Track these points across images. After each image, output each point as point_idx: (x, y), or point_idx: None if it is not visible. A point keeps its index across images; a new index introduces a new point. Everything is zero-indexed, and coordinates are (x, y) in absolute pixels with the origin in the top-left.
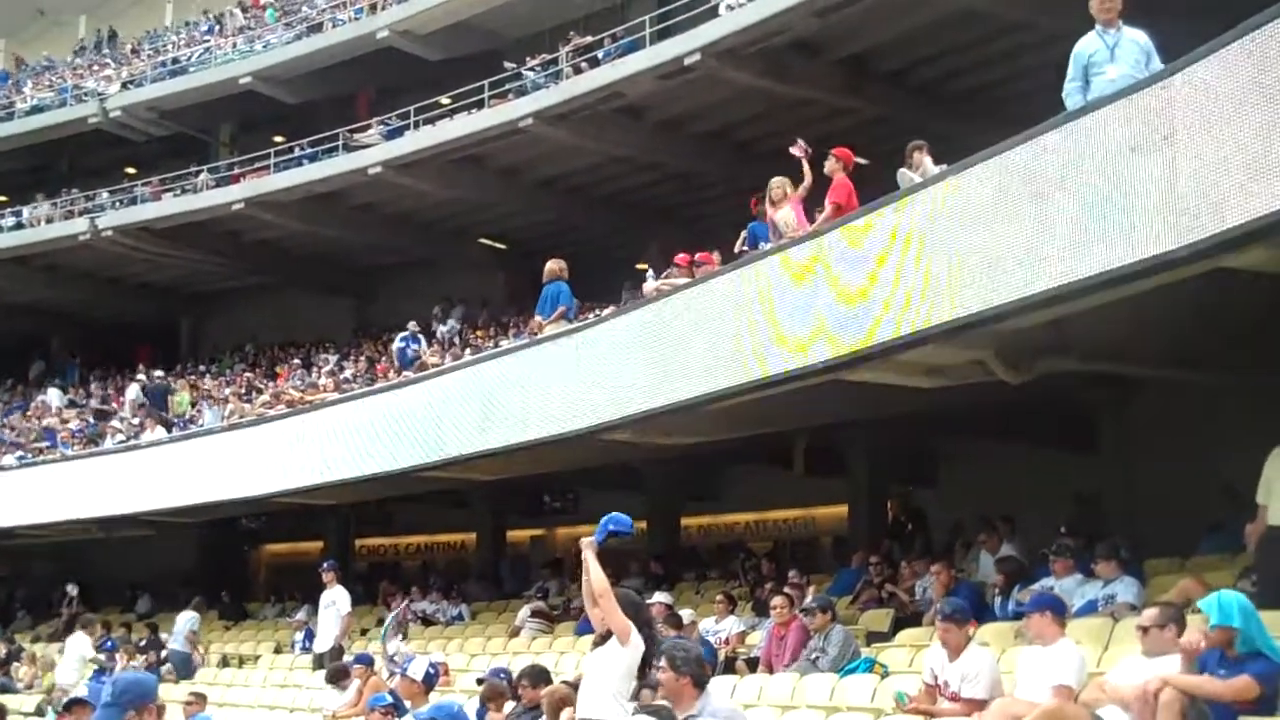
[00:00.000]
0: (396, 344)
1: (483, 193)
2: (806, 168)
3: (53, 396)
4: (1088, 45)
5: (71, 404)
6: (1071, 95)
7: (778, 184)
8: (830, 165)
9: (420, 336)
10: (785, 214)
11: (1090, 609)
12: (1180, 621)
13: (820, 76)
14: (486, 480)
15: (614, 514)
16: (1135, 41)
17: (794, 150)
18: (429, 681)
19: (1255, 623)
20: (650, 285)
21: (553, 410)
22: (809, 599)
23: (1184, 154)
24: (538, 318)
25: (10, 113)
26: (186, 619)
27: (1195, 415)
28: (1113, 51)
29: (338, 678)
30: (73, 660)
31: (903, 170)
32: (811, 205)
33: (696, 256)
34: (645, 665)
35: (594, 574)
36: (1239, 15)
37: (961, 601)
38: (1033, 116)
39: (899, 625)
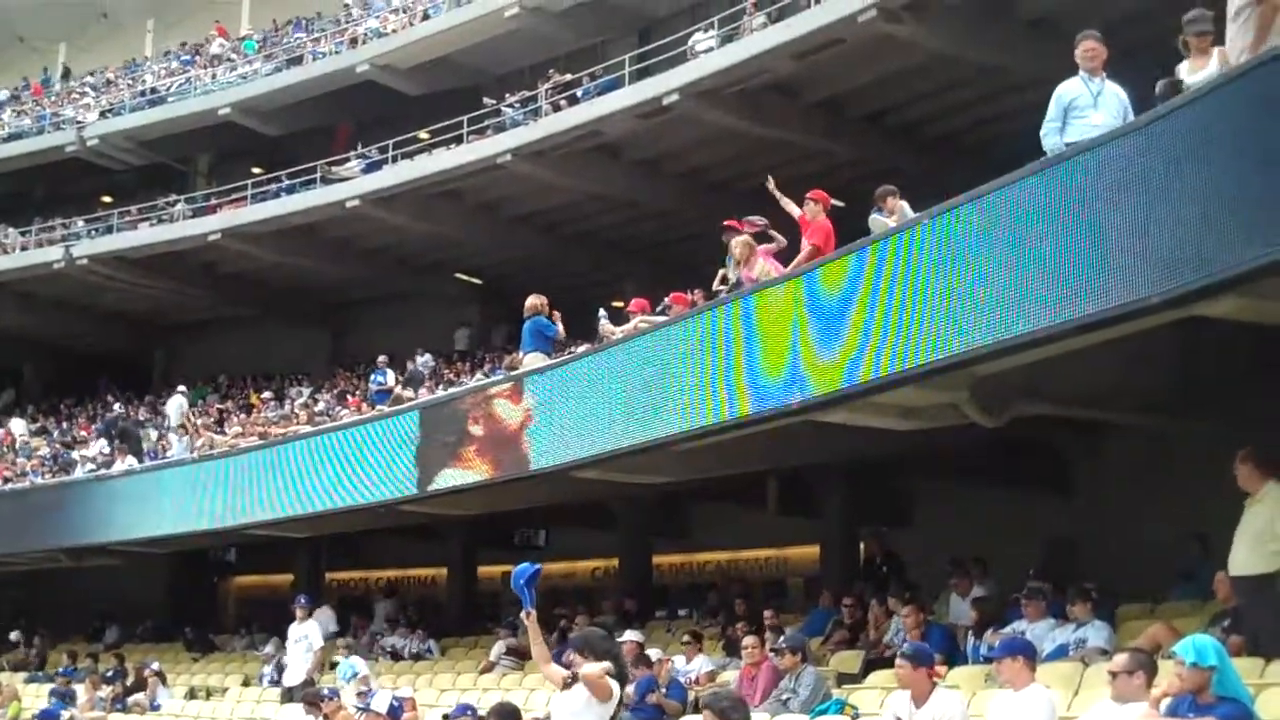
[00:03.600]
0: (373, 381)
1: (460, 228)
2: (788, 204)
3: (16, 426)
4: (1070, 89)
5: (41, 431)
6: (1049, 136)
7: (738, 244)
8: (810, 209)
9: (388, 369)
10: (761, 268)
11: (1061, 653)
12: (1150, 668)
13: (797, 118)
14: (459, 515)
15: (517, 569)
16: (1116, 94)
17: (770, 187)
18: (394, 714)
19: (1228, 665)
20: (605, 326)
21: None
22: (781, 639)
23: (1160, 202)
24: (519, 354)
25: None
26: None
27: (1169, 462)
28: (1096, 99)
29: (313, 702)
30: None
31: (874, 215)
32: (788, 251)
33: (668, 299)
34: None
35: (535, 649)
36: None
37: (924, 645)
38: (1008, 160)
39: (870, 667)
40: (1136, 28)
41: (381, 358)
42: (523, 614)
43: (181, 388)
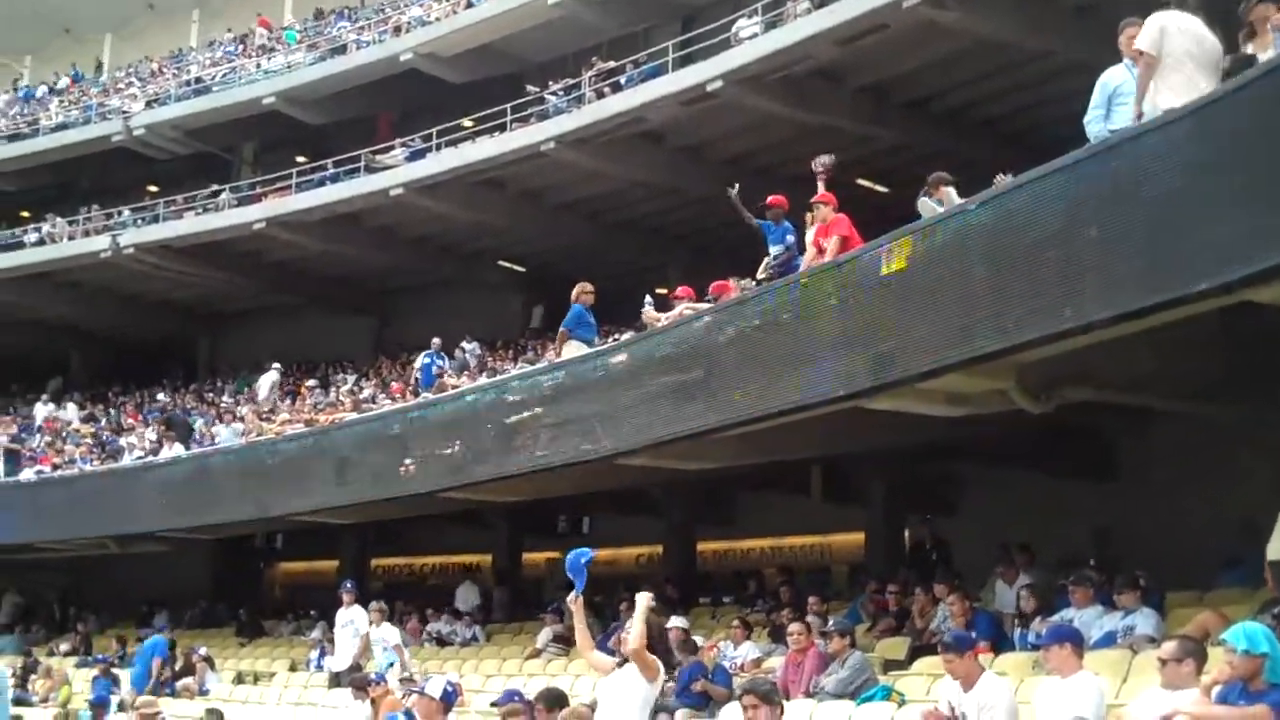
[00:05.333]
0: (420, 361)
1: (503, 216)
2: (821, 186)
3: (66, 413)
4: (1115, 76)
5: (90, 419)
6: (1094, 123)
7: (822, 208)
8: (820, 213)
9: (443, 354)
10: (835, 244)
11: (1109, 640)
12: (1199, 655)
13: (841, 104)
14: (504, 502)
15: (574, 553)
16: None
17: (815, 167)
18: (447, 700)
19: (1277, 651)
20: (649, 312)
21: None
22: (830, 623)
23: (1211, 187)
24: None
25: (35, 129)
26: None
27: (1216, 448)
28: None
29: (361, 686)
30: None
31: (923, 199)
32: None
33: (710, 288)
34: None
35: (579, 635)
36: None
37: (964, 632)
38: (1054, 146)
39: (916, 654)
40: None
41: (435, 340)
42: (570, 598)
43: (275, 365)
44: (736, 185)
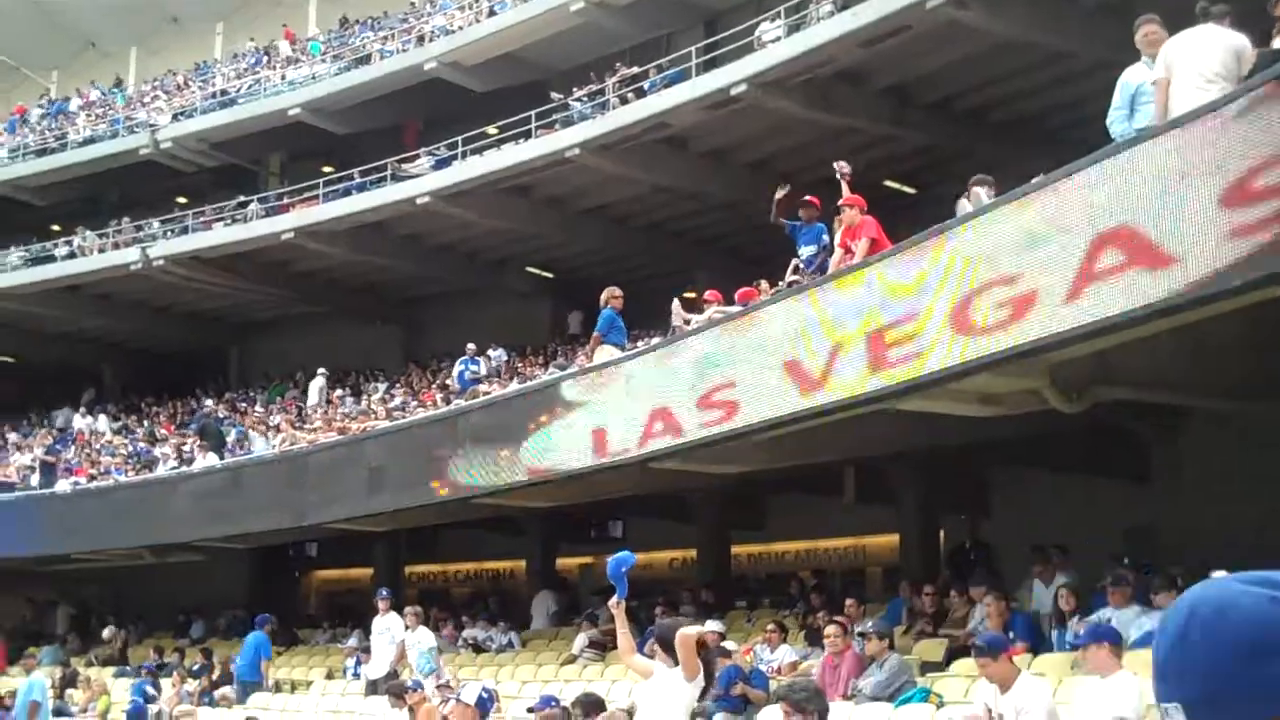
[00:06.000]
0: (456, 368)
1: (529, 222)
2: (845, 189)
3: (100, 424)
4: (1136, 75)
5: (123, 430)
6: (1116, 123)
7: (850, 211)
8: (847, 215)
9: (479, 359)
10: (863, 246)
11: (1148, 640)
12: None
13: (865, 106)
14: (537, 508)
15: (615, 558)
16: None
17: (838, 170)
18: (483, 707)
19: None
20: (678, 315)
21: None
22: (867, 624)
23: (1239, 183)
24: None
25: (64, 144)
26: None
27: (1249, 446)
28: None
29: (398, 694)
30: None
31: (962, 201)
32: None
33: (736, 294)
34: (701, 696)
35: (621, 640)
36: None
37: (996, 634)
38: (1077, 144)
39: (953, 655)
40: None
41: (470, 346)
42: (612, 602)
43: (322, 370)
44: (786, 187)
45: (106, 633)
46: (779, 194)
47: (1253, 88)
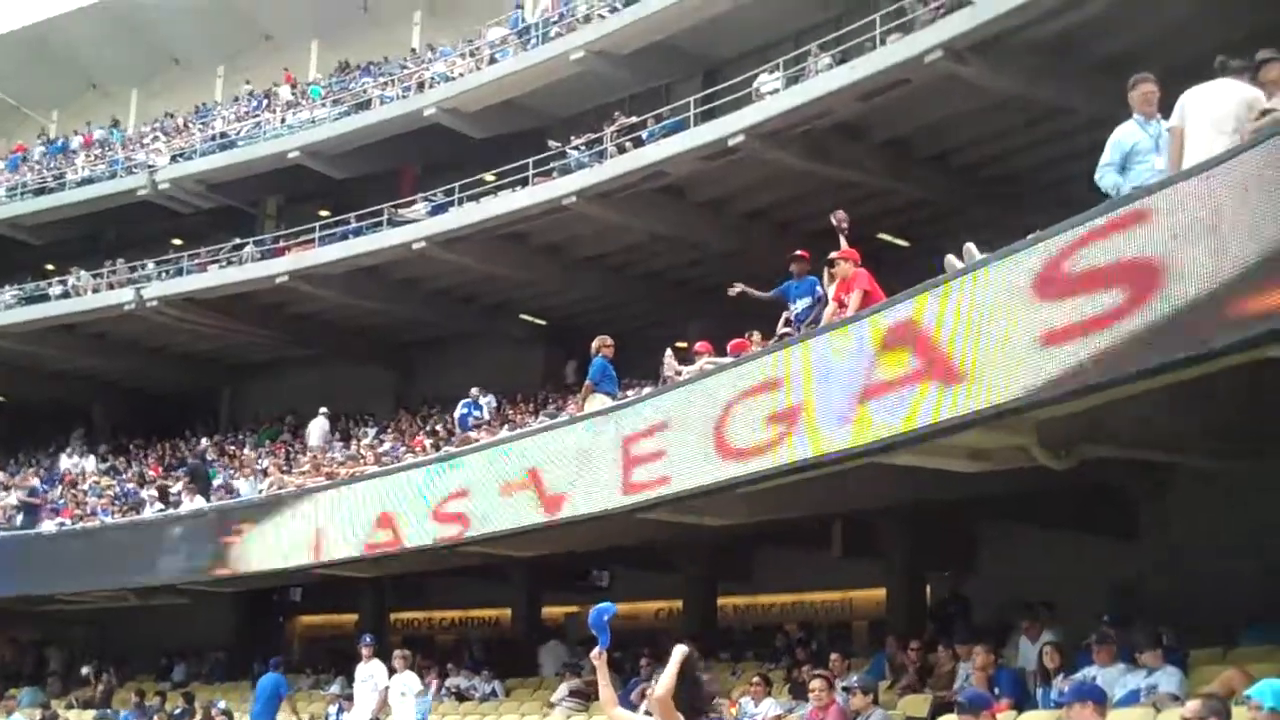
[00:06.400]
0: (459, 410)
1: (525, 269)
2: (843, 241)
3: (87, 465)
4: (1129, 134)
5: (111, 470)
6: (1105, 176)
7: (843, 265)
8: (841, 269)
9: (481, 404)
10: (855, 299)
11: (1133, 699)
12: (1223, 714)
13: (862, 159)
14: (523, 556)
15: (597, 609)
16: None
17: (836, 221)
18: None
19: None
20: (670, 366)
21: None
22: (851, 678)
23: (1228, 243)
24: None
25: (61, 183)
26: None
27: (1237, 503)
28: (1156, 142)
29: None
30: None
31: (950, 257)
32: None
33: (729, 347)
34: None
35: (603, 691)
36: None
37: (979, 692)
38: (1075, 201)
39: (938, 711)
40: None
41: (474, 390)
42: (594, 653)
43: (324, 409)
44: (737, 287)
45: (85, 670)
46: (733, 292)
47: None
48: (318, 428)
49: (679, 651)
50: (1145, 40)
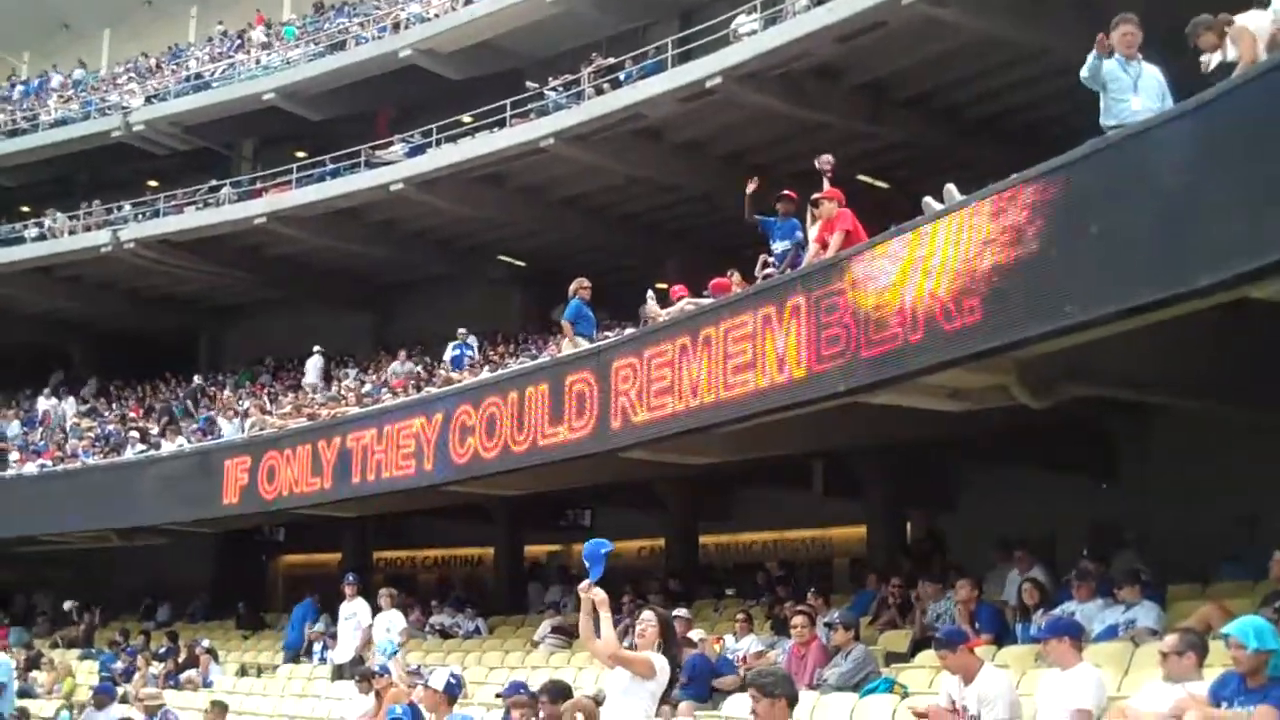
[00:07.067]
0: (450, 351)
1: (503, 211)
2: (826, 183)
3: (66, 407)
4: (1110, 68)
5: (91, 412)
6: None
7: (828, 204)
8: (825, 209)
9: (472, 343)
10: (837, 239)
11: (1111, 634)
12: (1200, 648)
13: (840, 101)
14: (506, 495)
15: (594, 541)
16: (1154, 77)
17: (821, 164)
18: (451, 692)
19: None
20: (651, 307)
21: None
22: (833, 614)
23: (1208, 185)
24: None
25: (35, 124)
26: None
27: (1215, 445)
28: (1135, 83)
29: (366, 678)
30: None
31: (927, 199)
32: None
33: (710, 285)
34: (671, 684)
35: (605, 634)
36: None
37: (955, 628)
38: (1053, 143)
39: (918, 646)
40: (1180, 8)
41: (461, 330)
42: (582, 585)
43: (318, 348)
44: (755, 181)
45: (67, 605)
46: (749, 187)
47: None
48: (314, 366)
49: (596, 595)
50: None
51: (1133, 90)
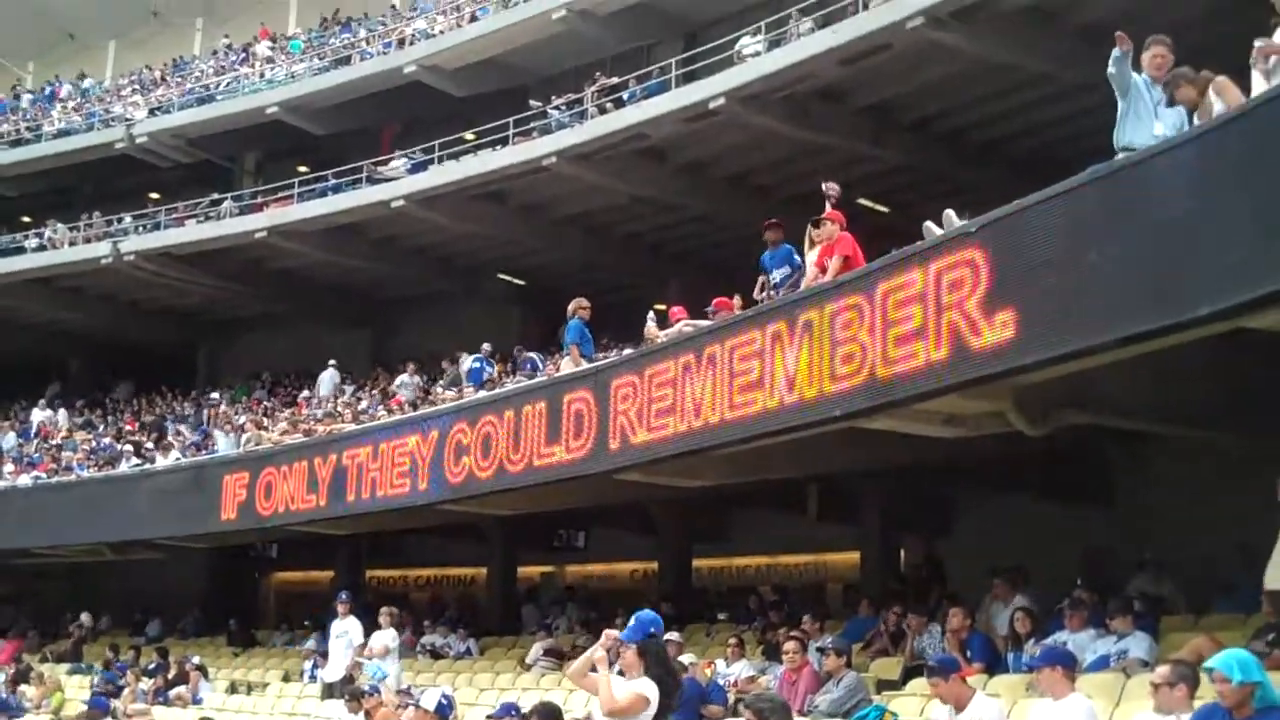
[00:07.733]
0: (469, 364)
1: (504, 229)
2: (829, 208)
3: (60, 419)
4: (1140, 84)
5: (87, 425)
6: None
7: (828, 227)
8: (826, 230)
9: (492, 360)
10: (835, 264)
11: (1103, 664)
12: (1192, 680)
13: (843, 124)
14: (501, 515)
15: (650, 614)
16: (1178, 112)
17: (827, 190)
18: (442, 713)
19: (1266, 677)
20: (651, 328)
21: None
22: (825, 639)
23: (1209, 214)
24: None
25: (38, 135)
26: None
27: (1212, 474)
28: (1156, 109)
29: (356, 697)
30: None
31: (928, 224)
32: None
33: (714, 303)
34: (663, 712)
35: (580, 664)
36: None
37: (947, 656)
38: (1056, 168)
39: (910, 674)
40: (1183, 37)
41: (486, 346)
42: (610, 631)
43: (333, 361)
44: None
45: (84, 617)
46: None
47: None
48: (328, 379)
49: (598, 649)
50: (1125, 7)
51: (1154, 116)
